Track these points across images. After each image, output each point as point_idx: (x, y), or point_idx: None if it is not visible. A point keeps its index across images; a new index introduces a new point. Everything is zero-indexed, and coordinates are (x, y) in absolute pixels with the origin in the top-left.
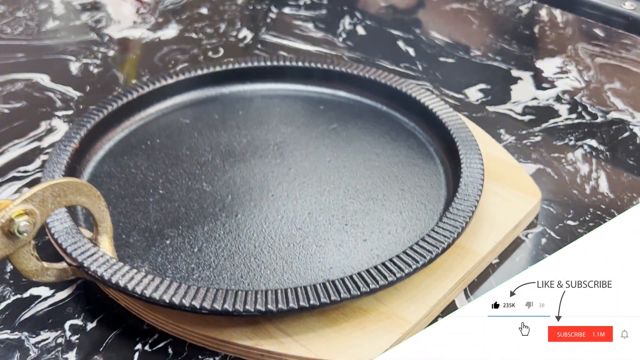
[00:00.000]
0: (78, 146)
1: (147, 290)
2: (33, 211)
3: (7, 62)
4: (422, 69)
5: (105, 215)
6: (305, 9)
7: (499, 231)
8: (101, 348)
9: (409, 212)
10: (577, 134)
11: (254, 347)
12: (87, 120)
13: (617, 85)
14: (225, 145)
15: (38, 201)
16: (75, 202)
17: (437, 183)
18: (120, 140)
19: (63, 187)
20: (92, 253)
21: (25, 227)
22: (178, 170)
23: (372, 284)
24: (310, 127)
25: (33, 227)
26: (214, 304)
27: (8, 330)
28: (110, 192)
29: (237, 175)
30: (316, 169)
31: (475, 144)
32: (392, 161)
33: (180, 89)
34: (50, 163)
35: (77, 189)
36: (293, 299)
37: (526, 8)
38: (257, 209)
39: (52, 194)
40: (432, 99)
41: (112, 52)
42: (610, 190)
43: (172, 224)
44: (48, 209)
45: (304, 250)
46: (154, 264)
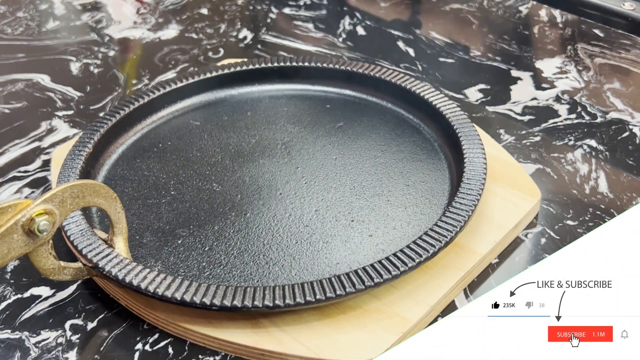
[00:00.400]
0: (92, 150)
1: (160, 288)
2: (52, 211)
3: (8, 62)
4: (422, 69)
5: (121, 216)
6: (305, 9)
7: (498, 231)
8: (101, 348)
9: (413, 207)
10: (576, 134)
11: (254, 346)
12: (101, 125)
13: (616, 86)
14: (235, 146)
15: (58, 202)
16: (93, 204)
17: (441, 178)
18: (133, 144)
19: (82, 189)
20: (106, 254)
21: (45, 226)
22: (189, 172)
23: (376, 278)
24: (316, 125)
25: (52, 227)
26: (223, 301)
27: (9, 330)
28: (123, 195)
29: (246, 175)
30: (323, 167)
31: (478, 138)
32: (397, 157)
33: (190, 92)
34: (65, 167)
35: (95, 190)
36: (300, 294)
37: (526, 8)
38: (266, 208)
39: (71, 195)
40: (436, 95)
41: (113, 52)
42: (610, 190)
43: (183, 224)
44: (67, 209)
45: (311, 247)
46: (167, 263)
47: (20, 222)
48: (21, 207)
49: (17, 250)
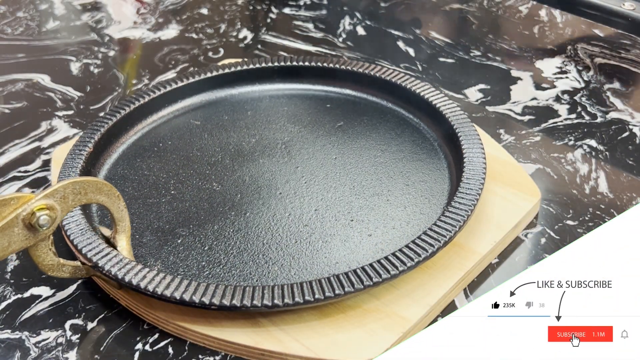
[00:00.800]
0: (92, 150)
1: (159, 287)
2: (54, 206)
3: (8, 62)
4: (422, 69)
5: (124, 214)
6: (305, 9)
7: (498, 231)
8: (101, 348)
9: (413, 207)
10: (576, 134)
11: (254, 346)
12: (101, 124)
13: (616, 86)
14: (235, 146)
15: (59, 197)
16: (95, 201)
17: (441, 177)
18: (133, 143)
19: (84, 185)
20: (106, 253)
21: (45, 221)
22: (189, 171)
23: (375, 278)
24: (317, 125)
25: (53, 222)
26: (223, 300)
27: (9, 330)
28: (124, 194)
29: (246, 175)
30: (322, 166)
31: (478, 138)
32: (397, 157)
33: (190, 92)
34: (66, 167)
35: (98, 187)
36: (299, 293)
37: (526, 8)
38: (265, 207)
39: (73, 191)
40: (436, 95)
41: (113, 52)
42: (610, 190)
43: (183, 224)
44: (68, 205)
45: (310, 247)
46: (166, 262)
47: (21, 216)
48: (23, 200)
49: (17, 244)
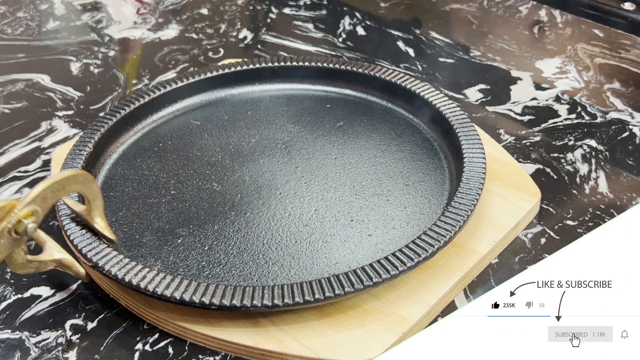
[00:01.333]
0: (92, 150)
1: (159, 287)
2: (37, 211)
3: (8, 63)
4: (422, 69)
5: (97, 194)
6: (305, 9)
7: (498, 231)
8: (102, 348)
9: (413, 207)
10: (576, 134)
11: (254, 346)
12: (101, 124)
13: (616, 86)
14: (235, 146)
15: (40, 200)
16: (72, 191)
17: (441, 177)
18: (133, 143)
19: (62, 182)
20: (106, 253)
21: (33, 229)
22: (189, 171)
23: (375, 278)
24: (317, 125)
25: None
26: (223, 300)
27: (9, 330)
28: (124, 194)
29: (246, 175)
30: (322, 166)
31: (478, 138)
32: (396, 157)
33: (190, 92)
34: (66, 167)
35: (74, 179)
36: (299, 293)
37: (526, 8)
38: (265, 207)
39: (52, 190)
40: (436, 95)
41: (113, 52)
42: (610, 190)
43: (183, 224)
44: (48, 204)
45: (310, 247)
46: (166, 262)
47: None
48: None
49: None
